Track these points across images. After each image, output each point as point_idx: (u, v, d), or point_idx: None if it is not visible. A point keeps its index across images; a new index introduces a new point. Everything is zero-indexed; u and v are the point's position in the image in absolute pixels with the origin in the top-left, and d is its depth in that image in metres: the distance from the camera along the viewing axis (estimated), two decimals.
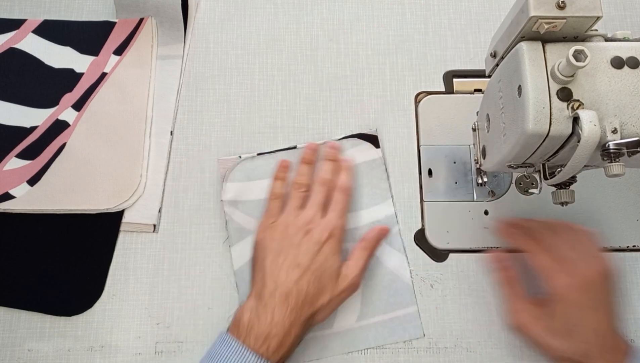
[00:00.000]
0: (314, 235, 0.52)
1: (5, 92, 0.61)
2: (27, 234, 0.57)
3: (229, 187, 0.58)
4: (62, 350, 0.54)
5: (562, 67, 0.38)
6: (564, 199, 0.45)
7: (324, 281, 0.50)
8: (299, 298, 0.49)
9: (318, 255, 0.51)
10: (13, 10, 0.64)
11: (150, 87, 0.61)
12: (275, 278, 0.50)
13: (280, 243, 0.52)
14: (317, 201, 0.54)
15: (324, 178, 0.56)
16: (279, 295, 0.48)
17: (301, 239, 0.52)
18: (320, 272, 0.50)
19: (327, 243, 0.52)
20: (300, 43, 0.64)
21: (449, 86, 0.62)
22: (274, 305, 0.48)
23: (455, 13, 0.65)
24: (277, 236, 0.52)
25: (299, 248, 0.51)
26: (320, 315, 0.51)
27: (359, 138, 0.60)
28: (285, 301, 0.48)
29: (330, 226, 0.52)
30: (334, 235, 0.52)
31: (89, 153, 0.59)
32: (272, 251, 0.51)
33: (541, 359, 0.54)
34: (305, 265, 0.50)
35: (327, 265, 0.51)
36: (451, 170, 0.59)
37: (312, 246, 0.51)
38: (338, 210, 0.54)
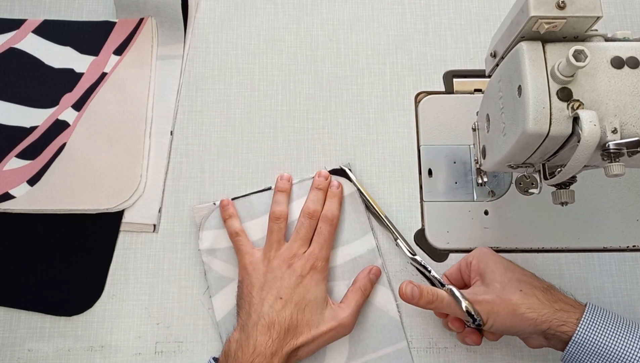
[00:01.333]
0: (296, 268, 0.52)
1: (5, 92, 0.61)
2: (27, 234, 0.57)
3: (205, 235, 0.57)
4: (62, 350, 0.54)
5: (562, 67, 0.38)
6: (564, 199, 0.45)
7: (308, 313, 0.50)
8: (281, 329, 0.49)
9: (299, 287, 0.51)
10: (13, 10, 0.64)
11: (150, 87, 0.61)
12: (258, 311, 0.50)
13: (265, 277, 0.52)
14: (302, 235, 0.54)
15: (310, 210, 0.55)
16: (261, 327, 0.49)
17: (283, 272, 0.52)
18: (304, 304, 0.50)
19: (309, 275, 0.52)
20: (300, 43, 0.64)
21: (449, 86, 0.62)
22: (256, 335, 0.48)
23: (455, 13, 0.65)
24: (261, 270, 0.52)
25: (282, 281, 0.51)
26: (305, 350, 0.50)
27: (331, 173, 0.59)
28: (267, 332, 0.48)
29: (312, 259, 0.52)
30: (315, 267, 0.52)
31: (89, 153, 0.59)
32: (257, 286, 0.52)
33: (541, 359, 0.54)
34: (287, 297, 0.50)
35: (310, 297, 0.51)
36: (451, 170, 0.59)
37: (294, 280, 0.51)
38: (321, 242, 0.54)
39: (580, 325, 0.44)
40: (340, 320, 0.51)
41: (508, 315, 0.46)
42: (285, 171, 0.59)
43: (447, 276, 0.54)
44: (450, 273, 0.54)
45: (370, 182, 0.59)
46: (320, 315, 0.51)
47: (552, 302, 0.46)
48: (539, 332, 0.46)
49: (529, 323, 0.45)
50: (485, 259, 0.50)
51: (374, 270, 0.55)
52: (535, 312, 0.45)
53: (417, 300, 0.48)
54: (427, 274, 0.54)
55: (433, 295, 0.48)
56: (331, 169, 0.59)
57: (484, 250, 0.52)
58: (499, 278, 0.48)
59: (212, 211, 0.57)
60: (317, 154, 0.60)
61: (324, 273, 0.53)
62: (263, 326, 0.49)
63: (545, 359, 0.54)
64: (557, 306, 0.45)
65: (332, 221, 0.55)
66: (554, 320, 0.45)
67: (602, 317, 0.44)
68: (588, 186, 0.58)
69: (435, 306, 0.48)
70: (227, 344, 0.50)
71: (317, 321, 0.50)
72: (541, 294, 0.46)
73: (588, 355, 0.44)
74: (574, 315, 0.45)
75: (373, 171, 0.60)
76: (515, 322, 0.46)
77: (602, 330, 0.44)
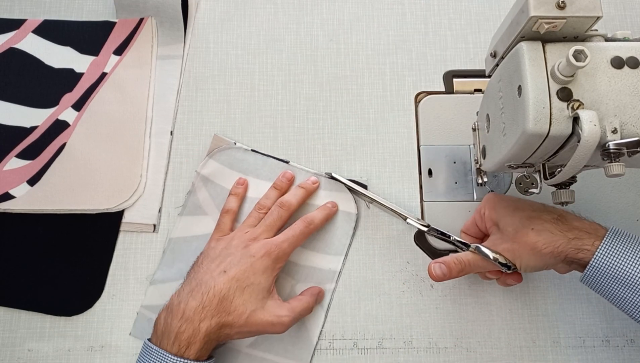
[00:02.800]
0: (251, 249, 0.51)
1: (5, 92, 0.61)
2: (27, 234, 0.57)
3: (210, 164, 0.58)
4: (62, 350, 0.54)
5: (562, 67, 0.38)
6: (564, 199, 0.45)
7: (247, 294, 0.49)
8: (215, 299, 0.47)
9: (246, 267, 0.50)
10: (13, 10, 0.64)
11: (150, 87, 0.61)
12: (199, 278, 0.49)
13: (220, 252, 0.51)
14: (269, 222, 0.53)
15: (285, 200, 0.55)
16: (196, 292, 0.48)
17: (239, 250, 0.51)
18: (245, 285, 0.49)
19: (261, 259, 0.50)
20: (300, 43, 0.64)
21: (449, 86, 0.62)
22: (187, 300, 0.48)
23: (455, 13, 0.65)
24: (221, 245, 0.52)
25: (232, 257, 0.50)
26: (236, 330, 0.48)
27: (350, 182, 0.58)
28: (199, 297, 0.47)
29: (269, 245, 0.51)
30: (269, 254, 0.51)
31: (89, 153, 0.59)
32: (209, 258, 0.51)
33: (541, 359, 0.54)
34: (232, 273, 0.49)
35: (254, 279, 0.49)
36: (451, 170, 0.59)
37: (244, 258, 0.50)
38: (288, 235, 0.53)
39: (599, 250, 0.44)
40: (280, 319, 0.49)
41: (531, 255, 0.47)
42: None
43: (466, 232, 0.54)
44: (467, 228, 0.54)
45: (371, 182, 0.59)
46: (260, 302, 0.49)
47: (566, 231, 0.46)
48: (559, 261, 0.47)
49: (549, 257, 0.46)
50: (494, 205, 0.51)
51: (322, 294, 0.55)
52: (551, 246, 0.46)
53: (448, 275, 0.49)
54: (449, 240, 0.54)
55: (461, 263, 0.49)
56: (351, 180, 0.58)
57: (491, 196, 0.52)
58: (510, 221, 0.48)
59: (228, 148, 0.59)
60: (317, 154, 0.60)
61: (277, 263, 0.51)
62: (197, 292, 0.48)
63: (545, 359, 0.54)
64: (571, 235, 0.46)
65: (310, 225, 0.54)
66: (570, 249, 0.45)
67: (624, 242, 0.44)
68: (588, 186, 0.58)
69: (467, 272, 0.50)
70: (157, 318, 0.49)
71: (255, 306, 0.49)
72: (553, 226, 0.46)
73: (606, 279, 0.44)
74: (589, 240, 0.45)
75: (373, 171, 0.60)
76: (538, 259, 0.47)
77: (622, 254, 0.44)
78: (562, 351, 0.55)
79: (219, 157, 0.58)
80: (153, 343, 0.47)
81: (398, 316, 0.56)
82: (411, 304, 0.56)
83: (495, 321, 0.56)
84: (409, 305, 0.56)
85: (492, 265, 0.48)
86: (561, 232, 0.46)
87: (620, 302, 0.45)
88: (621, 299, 0.44)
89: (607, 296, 0.46)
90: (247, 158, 0.59)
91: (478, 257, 0.49)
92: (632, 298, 0.44)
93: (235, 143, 0.59)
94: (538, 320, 0.56)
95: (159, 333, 0.47)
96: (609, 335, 0.55)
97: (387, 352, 0.54)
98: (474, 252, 0.49)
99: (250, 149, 0.59)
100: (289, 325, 0.50)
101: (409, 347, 0.55)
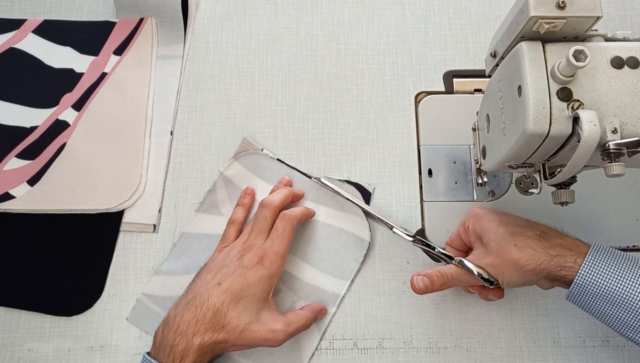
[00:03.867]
0: (244, 259, 0.50)
1: (5, 92, 0.61)
2: (27, 234, 0.57)
3: (234, 166, 0.58)
4: (62, 350, 0.54)
5: (562, 67, 0.38)
6: (564, 199, 0.45)
7: (242, 307, 0.48)
8: (209, 312, 0.47)
9: (240, 278, 0.49)
10: (13, 10, 0.64)
11: (150, 87, 0.61)
12: (195, 290, 0.49)
13: (217, 264, 0.51)
14: (257, 227, 0.53)
15: (267, 200, 0.54)
16: (191, 305, 0.48)
17: (234, 261, 0.51)
18: (239, 296, 0.48)
19: (254, 269, 0.50)
20: (300, 43, 0.64)
21: (449, 86, 0.62)
22: (182, 313, 0.48)
23: (455, 13, 0.65)
24: (221, 257, 0.52)
25: (227, 269, 0.50)
26: (231, 343, 0.48)
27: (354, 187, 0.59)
28: (194, 310, 0.47)
29: (261, 252, 0.51)
30: (262, 262, 0.50)
31: (89, 153, 0.59)
32: (208, 269, 0.51)
33: (542, 359, 0.54)
34: (225, 286, 0.49)
35: (249, 291, 0.49)
36: (451, 170, 0.59)
37: (238, 270, 0.50)
38: (274, 237, 0.52)
39: (582, 267, 0.44)
40: (275, 334, 0.49)
41: (513, 271, 0.47)
42: None
43: (450, 245, 0.54)
44: (452, 240, 0.54)
45: (371, 182, 0.59)
46: (255, 314, 0.49)
47: (548, 248, 0.46)
48: (542, 278, 0.47)
49: (531, 273, 0.46)
50: (478, 219, 0.50)
51: (324, 312, 0.55)
52: (533, 263, 0.46)
53: (431, 288, 0.48)
54: (433, 252, 0.54)
55: (443, 276, 0.49)
56: (356, 183, 0.59)
57: (477, 210, 0.51)
58: (494, 237, 0.48)
59: (255, 153, 0.59)
60: (317, 154, 0.60)
61: (271, 270, 0.50)
62: (192, 305, 0.48)
63: (545, 359, 0.54)
64: (553, 252, 0.46)
65: (291, 220, 0.53)
66: (552, 266, 0.45)
67: (607, 258, 0.44)
68: (588, 186, 0.58)
69: (449, 285, 0.49)
70: (156, 330, 0.49)
71: (249, 319, 0.48)
72: (535, 242, 0.46)
73: (591, 296, 0.44)
74: (571, 257, 0.45)
75: (373, 171, 0.60)
76: (520, 275, 0.47)
77: (606, 271, 0.44)
78: (562, 351, 0.55)
79: (244, 160, 0.58)
80: (151, 356, 0.47)
81: (398, 316, 0.56)
82: (411, 304, 0.56)
83: (495, 321, 0.56)
84: (409, 305, 0.56)
85: (475, 279, 0.48)
86: (543, 249, 0.46)
87: (607, 319, 0.45)
88: (608, 316, 0.44)
89: (593, 313, 0.45)
90: (271, 166, 0.59)
91: (461, 271, 0.48)
92: (619, 314, 0.43)
93: (263, 149, 0.59)
94: (538, 320, 0.56)
95: (156, 345, 0.47)
96: (609, 335, 0.55)
97: (387, 352, 0.54)
98: (457, 266, 0.49)
99: (276, 158, 0.59)
100: (283, 340, 0.49)
101: (409, 347, 0.55)
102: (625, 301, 0.43)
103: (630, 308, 0.43)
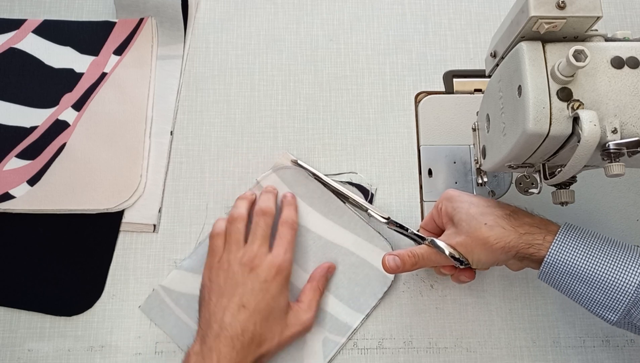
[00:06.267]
0: (260, 273, 0.49)
1: (5, 92, 0.61)
2: (27, 234, 0.57)
3: (271, 177, 0.58)
4: (62, 350, 0.54)
5: (562, 67, 0.38)
6: (564, 199, 0.45)
7: (272, 321, 0.49)
8: (245, 340, 0.47)
9: (264, 294, 0.49)
10: (13, 10, 0.64)
11: (150, 87, 0.61)
12: (219, 321, 0.48)
13: (225, 283, 0.50)
14: (259, 234, 0.52)
15: (262, 207, 0.54)
16: (224, 338, 0.47)
17: (246, 277, 0.49)
18: (268, 312, 0.48)
19: (274, 281, 0.49)
20: (300, 43, 0.64)
21: (449, 86, 0.62)
22: (219, 348, 0.46)
23: (455, 13, 0.65)
24: (221, 275, 0.50)
25: (245, 287, 0.49)
26: (269, 355, 0.49)
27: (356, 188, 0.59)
28: (230, 343, 0.46)
29: (277, 263, 0.50)
30: (281, 272, 0.50)
31: (89, 153, 0.59)
32: (216, 292, 0.50)
33: (542, 359, 0.54)
34: (251, 306, 0.48)
35: (275, 304, 0.49)
36: (451, 170, 0.59)
37: (258, 285, 0.49)
38: (284, 245, 0.52)
39: (553, 245, 0.44)
40: (304, 323, 0.50)
41: (482, 250, 0.47)
42: None
43: (424, 227, 0.54)
44: (425, 223, 0.54)
45: (371, 182, 0.59)
46: (284, 321, 0.50)
47: (517, 227, 0.46)
48: (511, 257, 0.47)
49: (500, 252, 0.46)
50: (450, 201, 0.50)
51: (331, 268, 0.55)
52: (502, 241, 0.46)
53: (402, 267, 0.49)
54: (406, 233, 0.53)
55: (414, 256, 0.49)
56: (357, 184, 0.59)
57: (450, 192, 0.51)
58: (465, 217, 0.48)
59: (293, 168, 0.58)
60: (317, 154, 0.60)
61: (287, 277, 0.51)
62: (226, 337, 0.47)
63: (545, 359, 0.54)
64: (522, 230, 0.46)
65: (292, 226, 0.54)
66: (521, 244, 0.45)
67: (577, 237, 0.44)
68: (588, 186, 0.58)
69: (420, 265, 0.50)
70: (185, 358, 0.48)
71: (282, 327, 0.49)
72: (504, 221, 0.47)
73: (562, 274, 0.44)
74: (540, 235, 0.45)
75: (373, 171, 0.60)
76: (489, 254, 0.47)
77: (576, 249, 0.44)
78: (562, 351, 0.55)
79: (282, 174, 0.58)
80: None
81: (398, 316, 0.56)
82: (411, 304, 0.56)
83: (495, 321, 0.56)
84: (409, 305, 0.56)
85: (445, 259, 0.48)
86: (512, 227, 0.46)
87: (577, 297, 0.45)
88: (578, 294, 0.44)
89: (564, 291, 0.46)
90: (308, 184, 0.58)
91: (432, 251, 0.49)
92: (589, 292, 0.44)
93: (299, 162, 0.58)
94: (538, 320, 0.56)
95: None
96: (609, 335, 0.55)
97: (387, 352, 0.54)
98: (428, 245, 0.49)
99: (314, 177, 0.58)
100: (313, 323, 0.52)
101: (409, 347, 0.55)
102: (595, 279, 0.43)
103: (600, 286, 0.43)
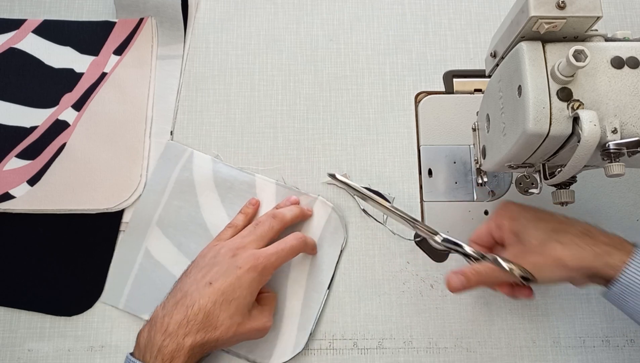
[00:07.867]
0: (238, 259, 0.49)
1: (5, 92, 0.61)
2: (27, 234, 0.57)
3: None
4: (62, 350, 0.54)
5: (562, 67, 0.38)
6: (564, 199, 0.45)
7: (233, 309, 0.48)
8: (200, 313, 0.46)
9: (233, 279, 0.48)
10: (13, 10, 0.64)
11: (150, 87, 0.61)
12: (185, 289, 0.48)
13: (208, 261, 0.50)
14: (259, 232, 0.52)
15: (279, 212, 0.54)
16: (181, 305, 0.47)
17: (226, 260, 0.49)
18: (231, 298, 0.48)
19: (247, 272, 0.48)
20: (300, 43, 0.64)
21: (449, 86, 0.62)
22: (172, 313, 0.46)
23: (455, 13, 0.65)
24: (209, 254, 0.51)
25: (220, 267, 0.49)
26: (222, 342, 0.48)
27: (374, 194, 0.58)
28: (184, 311, 0.46)
29: (257, 257, 0.49)
30: (256, 266, 0.49)
31: (89, 153, 0.59)
32: (197, 266, 0.50)
33: (542, 360, 0.54)
34: (217, 285, 0.48)
35: (240, 294, 0.48)
36: (451, 170, 0.59)
37: (231, 269, 0.48)
38: (278, 249, 0.51)
39: (628, 266, 0.43)
40: (264, 324, 0.50)
41: (554, 268, 0.45)
42: (285, 171, 0.59)
43: (476, 241, 0.52)
44: (479, 237, 0.52)
45: (371, 182, 0.59)
46: (247, 314, 0.49)
47: (592, 246, 0.45)
48: (584, 276, 0.46)
49: (574, 271, 0.45)
50: (515, 216, 0.49)
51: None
52: (578, 260, 0.45)
53: (467, 286, 0.48)
54: (463, 251, 0.50)
55: (478, 274, 0.48)
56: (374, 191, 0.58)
57: (510, 205, 0.50)
58: (534, 233, 0.47)
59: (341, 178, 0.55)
60: (317, 154, 0.60)
61: (263, 276, 0.50)
62: (182, 305, 0.47)
63: (545, 359, 0.54)
64: (598, 250, 0.45)
65: (302, 239, 0.53)
66: (599, 264, 0.44)
67: None
68: (588, 186, 0.58)
69: (483, 284, 0.49)
70: (140, 331, 0.48)
71: (241, 319, 0.48)
72: (580, 240, 0.45)
73: (633, 295, 0.43)
74: (617, 255, 0.44)
75: (373, 171, 0.60)
76: (562, 272, 0.45)
77: None
78: (562, 351, 0.55)
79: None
80: (136, 357, 0.46)
81: (398, 316, 0.56)
82: (411, 304, 0.56)
83: (495, 321, 0.56)
84: (409, 305, 0.56)
85: (509, 276, 0.47)
86: (588, 246, 0.45)
87: None
88: None
89: (632, 313, 0.45)
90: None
91: (495, 268, 0.47)
92: None
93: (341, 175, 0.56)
94: (538, 320, 0.56)
95: (141, 346, 0.46)
96: (609, 335, 0.55)
97: (387, 352, 0.54)
98: (492, 263, 0.47)
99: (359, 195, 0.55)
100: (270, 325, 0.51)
101: (409, 347, 0.55)
102: None
103: None
